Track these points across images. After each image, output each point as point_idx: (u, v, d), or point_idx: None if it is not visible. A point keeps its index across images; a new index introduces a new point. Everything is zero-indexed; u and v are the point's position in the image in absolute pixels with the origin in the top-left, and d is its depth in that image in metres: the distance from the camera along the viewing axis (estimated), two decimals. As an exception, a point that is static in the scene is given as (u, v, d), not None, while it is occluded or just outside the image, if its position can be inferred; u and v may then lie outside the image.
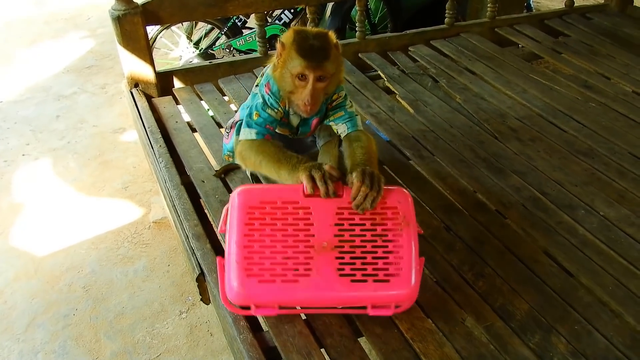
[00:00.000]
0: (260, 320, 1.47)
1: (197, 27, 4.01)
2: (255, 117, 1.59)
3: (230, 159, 1.87)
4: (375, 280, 1.22)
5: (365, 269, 1.23)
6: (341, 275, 1.21)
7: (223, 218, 1.35)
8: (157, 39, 3.43)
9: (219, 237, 1.72)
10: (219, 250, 1.65)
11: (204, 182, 1.93)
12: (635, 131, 2.25)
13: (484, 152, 2.12)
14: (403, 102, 2.49)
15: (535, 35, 3.12)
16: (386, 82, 2.67)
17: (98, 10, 5.45)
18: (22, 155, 3.39)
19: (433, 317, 1.43)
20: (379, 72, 2.76)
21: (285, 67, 1.51)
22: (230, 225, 1.27)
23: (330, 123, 1.69)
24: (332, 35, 1.54)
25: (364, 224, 1.29)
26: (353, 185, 1.33)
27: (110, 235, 2.76)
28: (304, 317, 1.43)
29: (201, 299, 1.60)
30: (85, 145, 3.48)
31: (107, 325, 2.27)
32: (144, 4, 2.39)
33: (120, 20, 2.32)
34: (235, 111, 2.41)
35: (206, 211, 1.84)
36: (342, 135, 1.66)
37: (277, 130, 1.66)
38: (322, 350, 1.35)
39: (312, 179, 1.33)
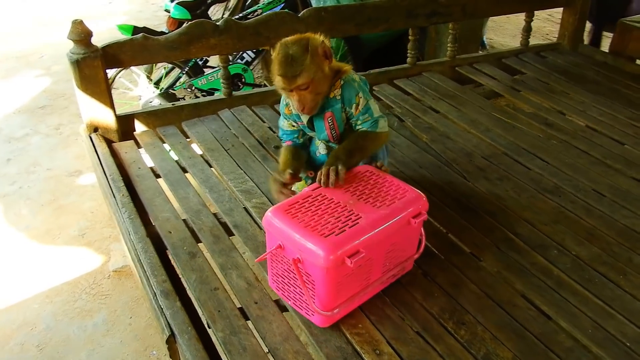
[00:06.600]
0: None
1: (157, 67, 3.93)
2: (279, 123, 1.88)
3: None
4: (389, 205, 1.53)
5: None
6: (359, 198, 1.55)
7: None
8: (115, 79, 3.34)
9: (190, 295, 1.63)
10: (190, 308, 1.56)
11: (170, 232, 1.85)
12: (596, 168, 2.31)
13: (454, 192, 2.12)
14: (371, 143, 2.48)
15: (494, 73, 3.20)
16: (353, 122, 2.66)
17: (52, 47, 5.30)
18: (-31, 202, 3.20)
19: (417, 371, 1.38)
20: (345, 112, 2.75)
21: (274, 81, 1.64)
22: None
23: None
24: (313, 38, 1.61)
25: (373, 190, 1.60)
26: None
27: (66, 286, 2.60)
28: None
29: (171, 362, 1.51)
30: (39, 189, 3.32)
31: (65, 388, 2.12)
32: (104, 47, 2.31)
33: (79, 64, 2.23)
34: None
35: (174, 265, 1.75)
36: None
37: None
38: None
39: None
